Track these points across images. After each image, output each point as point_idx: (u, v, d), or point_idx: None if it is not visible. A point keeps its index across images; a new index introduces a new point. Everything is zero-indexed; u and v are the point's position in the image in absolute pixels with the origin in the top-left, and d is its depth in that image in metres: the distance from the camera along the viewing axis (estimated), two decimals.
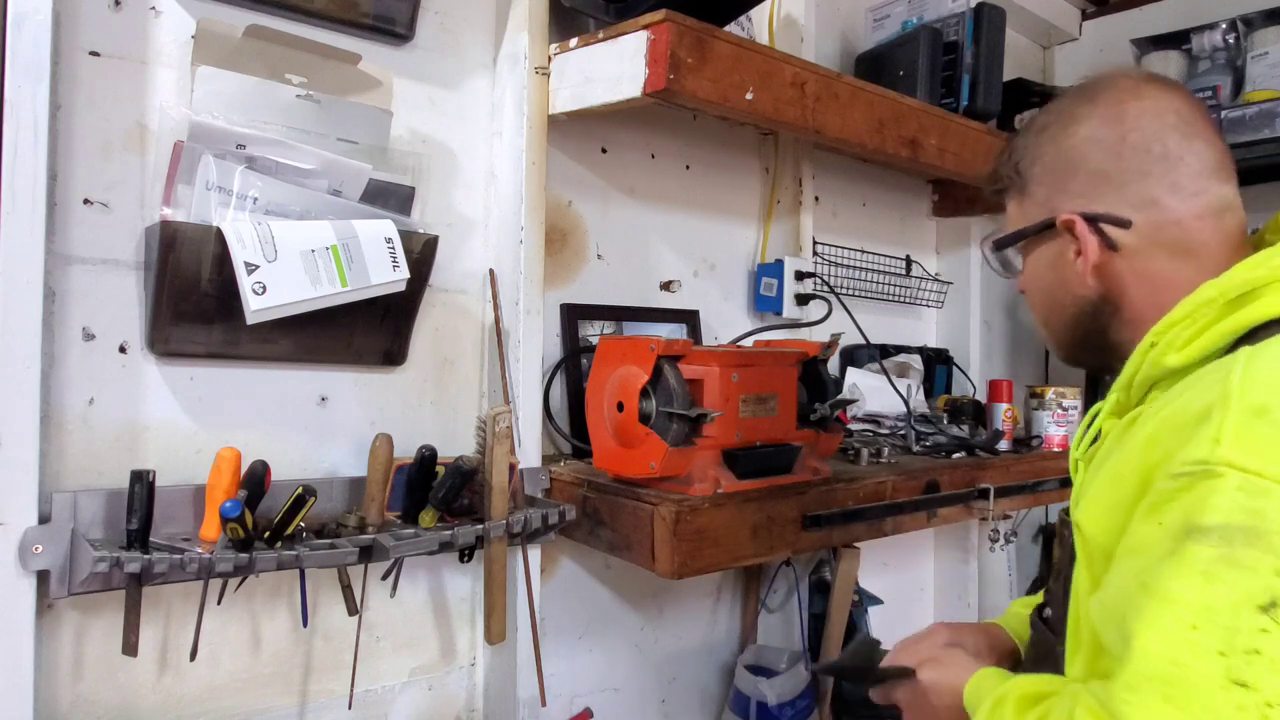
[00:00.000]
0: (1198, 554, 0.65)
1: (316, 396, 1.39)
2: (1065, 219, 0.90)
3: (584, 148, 1.75)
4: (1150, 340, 0.83)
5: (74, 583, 1.09)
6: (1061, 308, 0.95)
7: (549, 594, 1.65)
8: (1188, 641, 0.62)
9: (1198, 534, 0.65)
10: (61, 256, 1.16)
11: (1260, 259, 0.80)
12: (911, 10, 2.16)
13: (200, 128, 1.18)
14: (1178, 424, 0.72)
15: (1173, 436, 0.72)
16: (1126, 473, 0.76)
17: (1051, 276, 0.95)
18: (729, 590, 2.02)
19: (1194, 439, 0.69)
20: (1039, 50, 3.02)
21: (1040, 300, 0.98)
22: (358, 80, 1.36)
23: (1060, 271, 0.93)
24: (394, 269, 1.26)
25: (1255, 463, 0.65)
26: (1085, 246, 0.89)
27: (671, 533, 1.28)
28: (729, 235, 2.03)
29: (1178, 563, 0.65)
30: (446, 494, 1.32)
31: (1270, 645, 0.61)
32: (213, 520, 1.17)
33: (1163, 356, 0.81)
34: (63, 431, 1.16)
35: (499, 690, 1.54)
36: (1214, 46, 2.57)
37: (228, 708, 1.32)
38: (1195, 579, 0.64)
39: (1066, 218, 0.90)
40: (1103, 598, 0.73)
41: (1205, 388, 0.73)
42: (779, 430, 1.48)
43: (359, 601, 1.33)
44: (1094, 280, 0.90)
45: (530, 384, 1.51)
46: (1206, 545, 0.65)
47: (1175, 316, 0.81)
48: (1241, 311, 0.77)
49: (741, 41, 1.46)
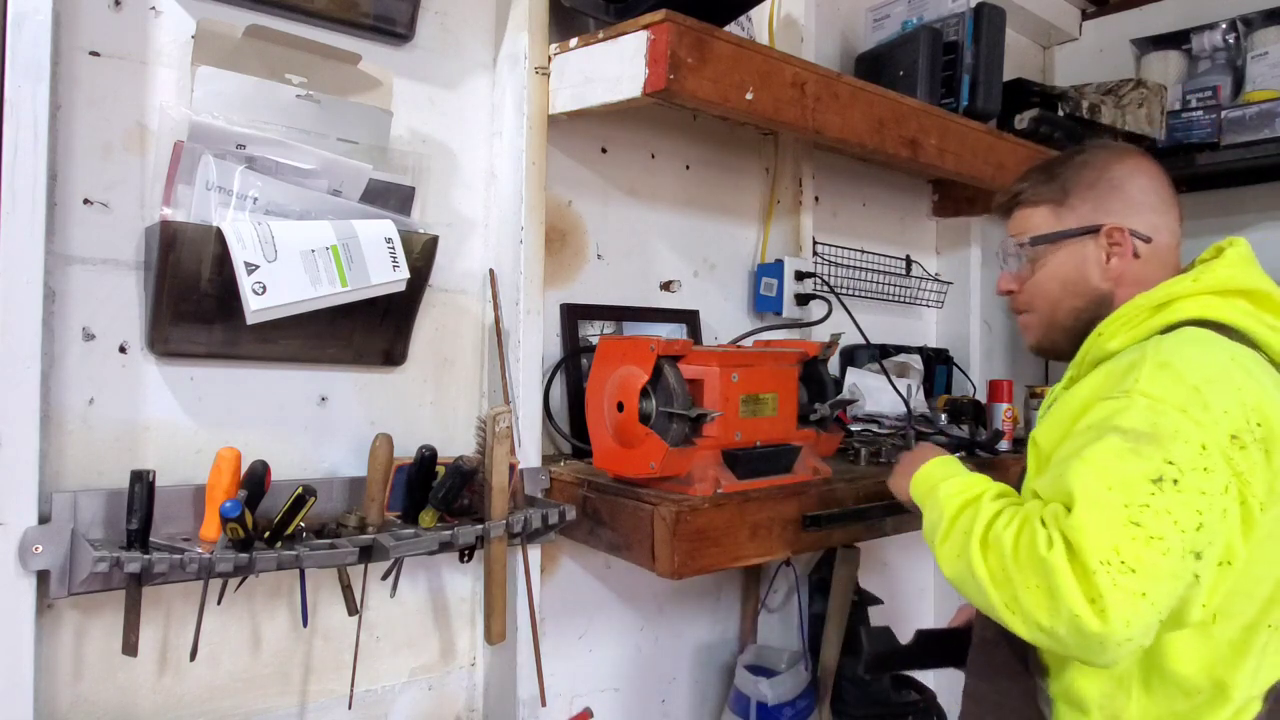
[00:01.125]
0: (1114, 442, 0.98)
1: (316, 396, 1.39)
2: (1114, 226, 1.20)
3: (584, 148, 1.75)
4: (1099, 331, 1.18)
5: (74, 583, 1.09)
6: (1076, 296, 1.23)
7: (549, 594, 1.65)
8: (1106, 496, 0.94)
9: (1116, 431, 0.98)
10: (61, 256, 1.16)
11: (1177, 280, 1.15)
12: (911, 10, 2.16)
13: (200, 128, 1.18)
14: (1111, 375, 1.09)
15: (1107, 381, 1.09)
16: (1075, 405, 1.11)
17: (1074, 274, 1.23)
18: (729, 590, 2.02)
19: (1121, 382, 1.04)
20: (1039, 50, 3.02)
21: (1053, 292, 1.25)
22: (358, 80, 1.36)
23: (1084, 270, 1.22)
24: (394, 269, 1.26)
25: (1158, 392, 0.99)
26: (1124, 250, 1.19)
27: (671, 533, 1.28)
28: (729, 235, 2.03)
29: (1102, 445, 0.98)
30: (446, 494, 1.32)
31: (1155, 502, 0.93)
32: (213, 520, 1.17)
33: (1106, 342, 1.16)
34: (63, 431, 1.16)
35: (499, 690, 1.54)
36: (1214, 46, 2.57)
37: (228, 708, 1.32)
38: (1111, 457, 0.97)
39: (1115, 225, 1.20)
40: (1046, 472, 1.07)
41: (1131, 354, 1.09)
42: (779, 430, 1.48)
43: (359, 601, 1.33)
44: (1112, 279, 1.20)
45: (530, 384, 1.51)
46: (1119, 438, 0.98)
47: (1118, 315, 1.16)
48: (1162, 314, 1.13)
49: (741, 41, 1.46)
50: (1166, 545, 0.92)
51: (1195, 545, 0.94)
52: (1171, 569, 0.92)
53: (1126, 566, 0.90)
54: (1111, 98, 2.33)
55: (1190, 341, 1.05)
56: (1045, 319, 1.27)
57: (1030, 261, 1.27)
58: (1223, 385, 1.00)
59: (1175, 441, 0.96)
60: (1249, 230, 2.55)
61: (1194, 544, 0.94)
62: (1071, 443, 1.04)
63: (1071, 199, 1.24)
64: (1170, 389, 0.99)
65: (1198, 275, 1.13)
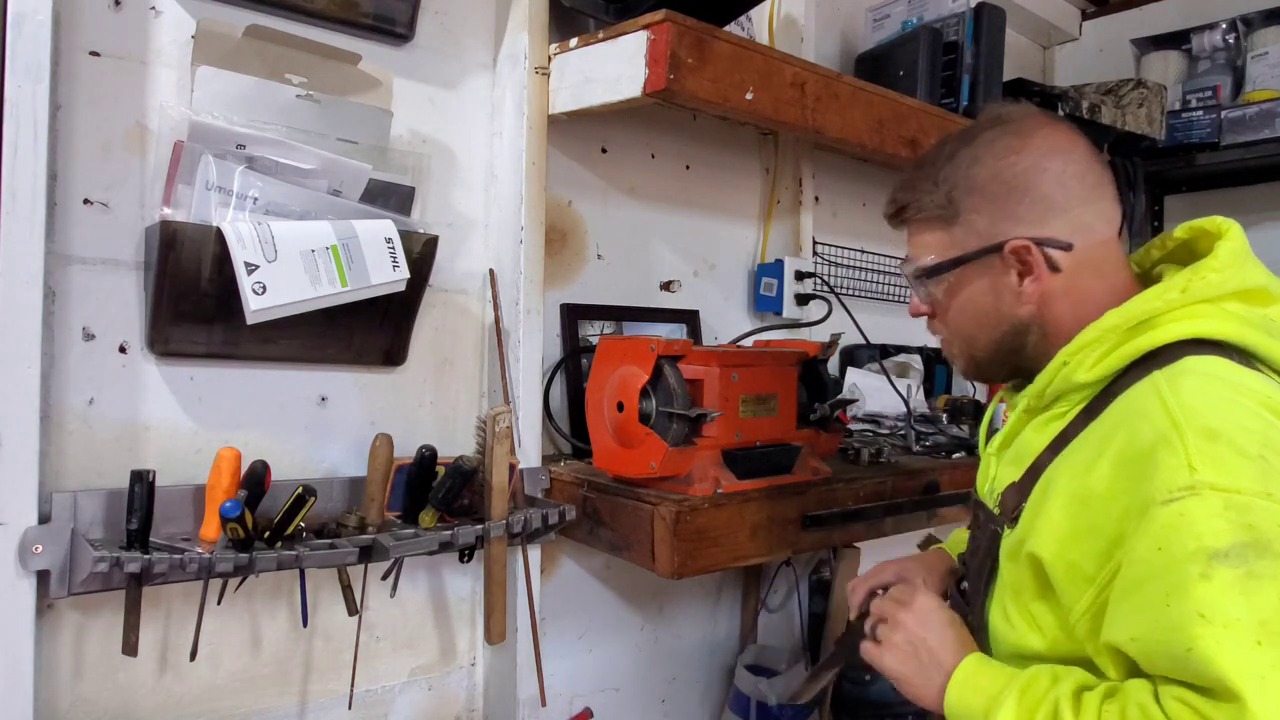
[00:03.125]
0: (1224, 576, 0.74)
1: (316, 396, 1.39)
2: (1018, 244, 0.95)
3: (584, 148, 1.75)
4: (1062, 359, 0.94)
5: (74, 583, 1.09)
6: (992, 329, 1.00)
7: (549, 594, 1.65)
8: (1263, 659, 0.72)
9: (1214, 557, 0.75)
10: (61, 256, 1.16)
11: (1155, 293, 0.91)
12: (911, 10, 2.16)
13: (200, 128, 1.18)
14: (1137, 454, 0.82)
15: (1138, 465, 0.82)
16: (1094, 502, 0.85)
17: (986, 300, 0.99)
18: (729, 590, 2.02)
19: (1165, 466, 0.79)
20: (1039, 50, 3.02)
21: (968, 323, 1.03)
22: (358, 80, 1.36)
23: (997, 295, 0.98)
24: (394, 269, 1.26)
25: (1228, 481, 0.76)
26: (1038, 270, 0.95)
27: (671, 533, 1.28)
28: (729, 235, 2.03)
29: (1212, 587, 0.74)
30: (446, 494, 1.32)
31: None
32: (213, 520, 1.17)
33: (1073, 374, 0.93)
34: (63, 431, 1.16)
35: (499, 690, 1.54)
36: (1214, 46, 2.57)
37: (228, 708, 1.32)
38: (1237, 598, 0.74)
39: (1020, 243, 0.95)
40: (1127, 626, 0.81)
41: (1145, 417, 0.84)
42: (779, 430, 1.48)
43: (359, 601, 1.33)
44: (1031, 303, 0.96)
45: (530, 384, 1.51)
46: (1227, 567, 0.74)
47: (1084, 340, 0.92)
48: (1141, 337, 0.89)
49: (741, 41, 1.46)
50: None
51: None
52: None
53: None
54: (1111, 98, 2.33)
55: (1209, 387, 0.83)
56: (964, 353, 1.06)
57: (932, 290, 1.05)
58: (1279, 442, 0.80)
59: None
60: (1249, 230, 2.54)
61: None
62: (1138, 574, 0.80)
63: (964, 212, 0.98)
64: (1237, 470, 0.77)
65: (1186, 285, 0.90)
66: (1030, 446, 0.99)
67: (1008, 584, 0.97)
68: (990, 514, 1.03)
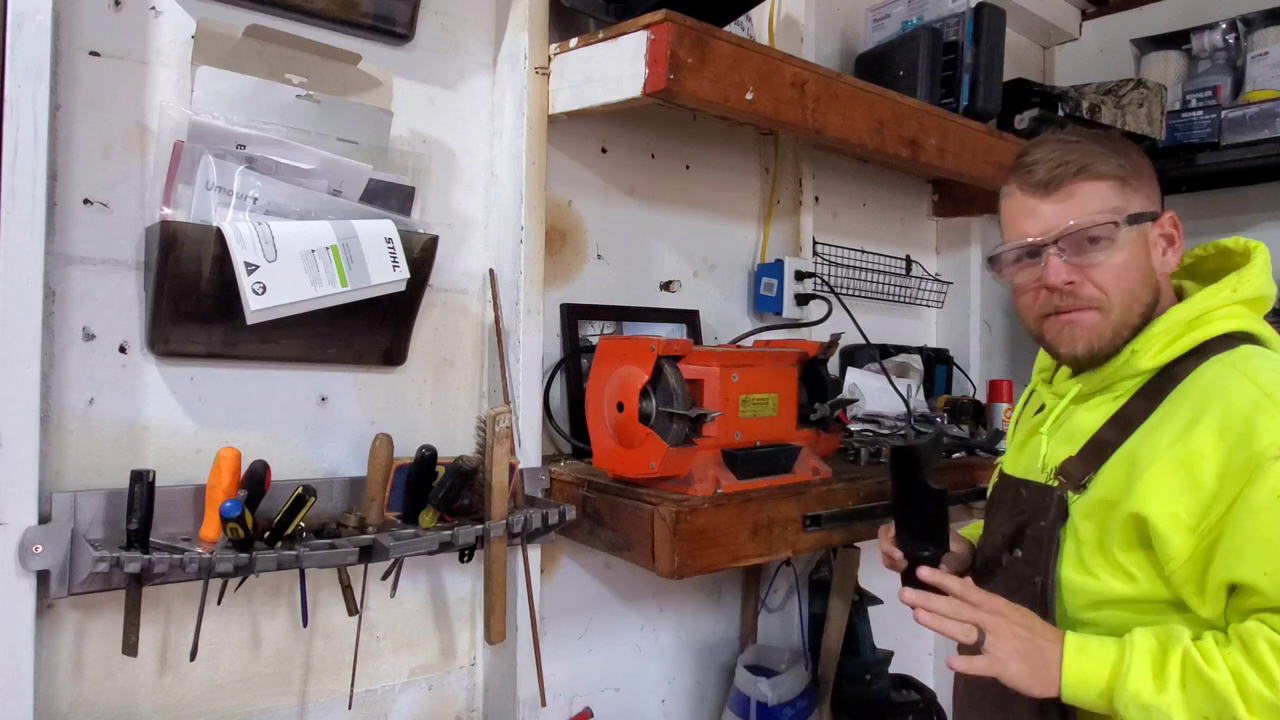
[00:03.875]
0: None
1: (316, 396, 1.39)
2: (1173, 215, 1.13)
3: (584, 148, 1.75)
4: (1133, 348, 1.10)
5: (74, 583, 1.09)
6: (1150, 290, 1.11)
7: (549, 594, 1.65)
8: None
9: None
10: (61, 256, 1.16)
11: (1214, 290, 1.09)
12: (911, 10, 2.16)
13: (200, 128, 1.18)
14: (1235, 420, 0.98)
15: (1238, 430, 0.97)
16: (1197, 463, 0.99)
17: (1148, 261, 1.11)
18: (729, 590, 2.02)
19: (1265, 429, 0.95)
20: (1039, 50, 3.02)
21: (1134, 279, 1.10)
22: (358, 80, 1.36)
23: (1150, 259, 1.11)
24: (394, 269, 1.26)
25: None
26: (1178, 242, 1.13)
27: (671, 533, 1.28)
28: (729, 235, 2.03)
29: None
30: (446, 494, 1.32)
31: None
32: (213, 520, 1.17)
33: (1139, 360, 1.09)
34: (63, 431, 1.16)
35: (499, 690, 1.54)
36: (1214, 46, 2.57)
37: (228, 708, 1.32)
38: None
39: (1173, 214, 1.13)
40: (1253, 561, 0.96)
41: (1235, 391, 1.00)
42: (779, 430, 1.48)
43: (359, 601, 1.33)
44: (1162, 275, 1.12)
45: (530, 384, 1.51)
46: None
47: (1155, 331, 1.09)
48: (1197, 330, 1.08)
49: (741, 41, 1.46)
50: None
51: None
52: None
53: None
54: (1111, 98, 2.33)
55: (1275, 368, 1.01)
56: (1118, 315, 1.09)
57: (1106, 245, 1.08)
58: None
59: None
60: (1249, 230, 2.55)
61: None
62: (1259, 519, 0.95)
63: (1132, 178, 1.11)
64: None
65: (1236, 285, 1.09)
66: (1084, 425, 1.14)
67: (1086, 540, 1.09)
68: (1042, 487, 1.16)
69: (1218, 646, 0.96)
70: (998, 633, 1.04)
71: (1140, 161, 1.13)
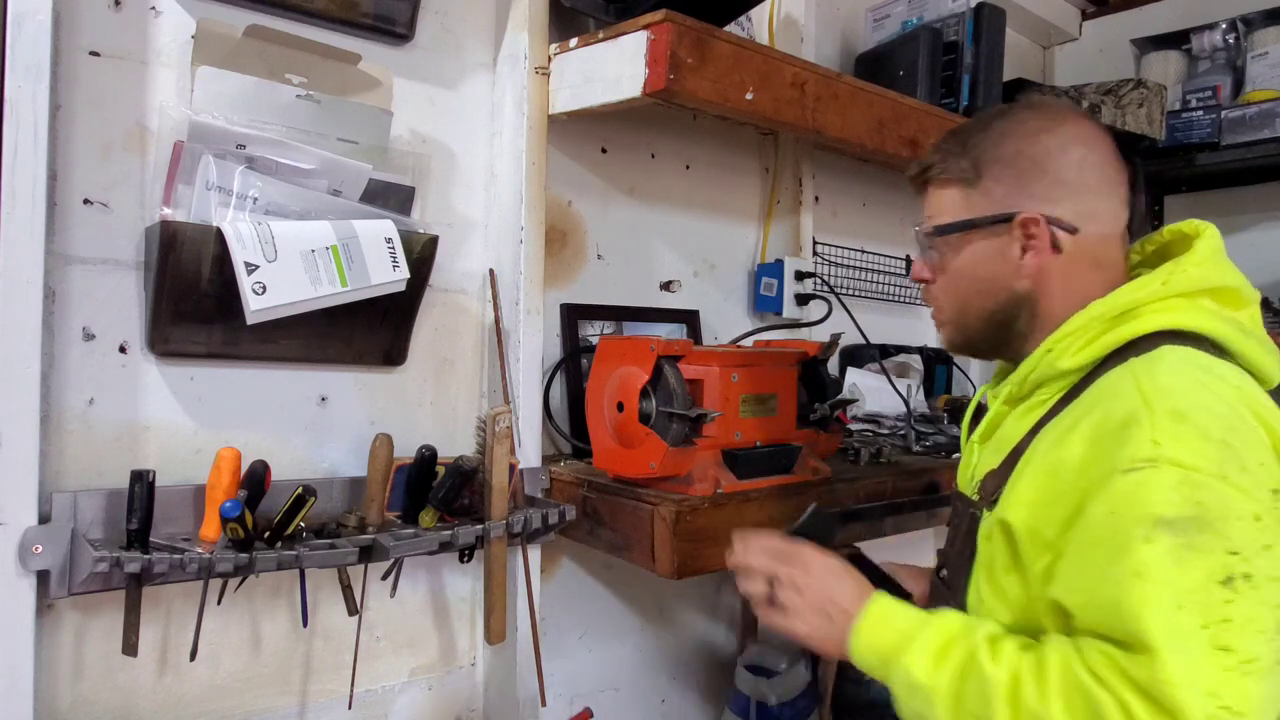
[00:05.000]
0: (1164, 542, 0.78)
1: (316, 396, 1.39)
2: (1028, 216, 0.99)
3: (584, 148, 1.75)
4: (1047, 347, 0.98)
5: (74, 583, 1.09)
6: (987, 297, 1.04)
7: (549, 594, 1.65)
8: (1181, 622, 0.76)
9: (1158, 524, 0.79)
10: (61, 256, 1.16)
11: (1139, 284, 0.96)
12: (911, 10, 2.16)
13: (200, 128, 1.18)
14: (1109, 429, 0.86)
15: (1109, 439, 0.85)
16: (1063, 472, 0.89)
17: (987, 268, 1.03)
18: (729, 590, 2.02)
19: (1132, 440, 0.83)
20: (1039, 50, 3.02)
21: (966, 287, 1.05)
22: (358, 80, 1.36)
23: (997, 265, 1.02)
24: (394, 269, 1.26)
25: (1188, 458, 0.80)
26: (1040, 244, 0.99)
27: (671, 533, 1.28)
28: (729, 235, 2.03)
29: (1151, 550, 0.78)
30: (446, 494, 1.32)
31: (1236, 612, 0.76)
32: (213, 520, 1.17)
33: (1057, 360, 0.97)
34: (63, 431, 1.16)
35: (499, 690, 1.54)
36: (1214, 46, 2.57)
37: (228, 708, 1.32)
38: (1169, 564, 0.78)
39: (1030, 215, 0.99)
40: (1070, 580, 0.85)
41: (1119, 396, 0.88)
42: (779, 430, 1.48)
43: (359, 601, 1.33)
44: (1028, 277, 1.00)
45: (530, 384, 1.51)
46: (1169, 535, 0.78)
47: (1070, 328, 0.97)
48: (1123, 327, 0.94)
49: (741, 41, 1.46)
50: (1261, 665, 0.75)
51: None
52: (1271, 692, 0.76)
53: (1233, 713, 0.74)
54: (1111, 98, 2.33)
55: (1183, 372, 0.87)
56: (955, 319, 1.08)
57: (940, 252, 1.07)
58: (1245, 430, 0.83)
59: (1228, 521, 0.78)
60: (1249, 230, 2.55)
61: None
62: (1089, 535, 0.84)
63: (985, 179, 1.02)
64: (1199, 451, 0.81)
65: (1167, 278, 0.95)
66: (1011, 434, 1.03)
67: (982, 562, 1.00)
68: (969, 500, 1.07)
69: (1020, 650, 0.86)
70: (793, 586, 1.01)
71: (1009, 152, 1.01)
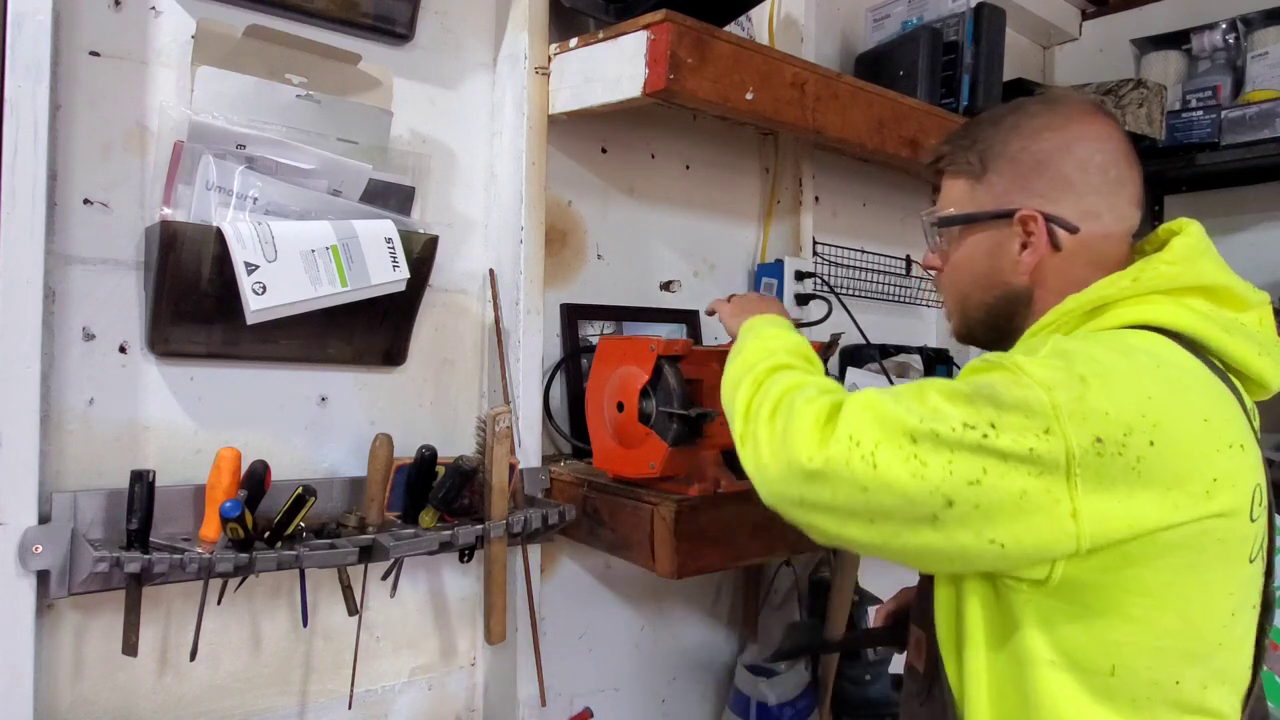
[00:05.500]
0: (949, 383, 0.86)
1: (316, 396, 1.39)
2: (1027, 213, 1.00)
3: (584, 148, 1.75)
4: (1025, 340, 1.00)
5: (74, 583, 1.09)
6: (985, 290, 1.06)
7: (549, 594, 1.65)
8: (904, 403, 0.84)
9: (961, 379, 0.87)
10: (61, 256, 1.16)
11: (1112, 280, 0.95)
12: (911, 10, 2.16)
13: (200, 128, 1.18)
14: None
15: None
16: None
17: (987, 262, 1.04)
18: (729, 590, 2.02)
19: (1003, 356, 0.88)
20: (1039, 50, 3.02)
21: (966, 280, 1.08)
22: (358, 80, 1.36)
23: (997, 259, 1.03)
24: (394, 269, 1.26)
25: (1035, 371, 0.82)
26: (1038, 241, 1.00)
27: (671, 533, 1.28)
28: (729, 235, 2.03)
29: (930, 386, 0.86)
30: (446, 494, 1.32)
31: (949, 437, 0.80)
32: (213, 520, 1.17)
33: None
34: (63, 431, 1.16)
35: (499, 690, 1.54)
36: (1214, 46, 2.57)
37: (228, 708, 1.32)
38: (938, 387, 0.85)
39: (1029, 212, 0.99)
40: None
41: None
42: None
43: (359, 601, 1.33)
44: (1026, 273, 1.01)
45: (530, 384, 1.51)
46: (961, 383, 0.85)
47: (1045, 321, 0.98)
48: (1094, 320, 0.95)
49: (741, 41, 1.46)
50: (923, 472, 0.79)
51: (951, 494, 0.79)
52: (909, 490, 0.79)
53: (868, 461, 0.80)
54: (1111, 98, 2.33)
55: (1111, 340, 0.89)
56: (958, 310, 1.11)
57: (945, 241, 1.09)
58: (1121, 386, 0.81)
59: (1016, 412, 0.80)
60: (1249, 230, 2.55)
61: (950, 492, 0.79)
62: None
63: (990, 174, 1.03)
64: (1050, 372, 0.82)
65: (1137, 274, 0.94)
66: None
67: None
68: None
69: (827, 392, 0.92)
70: (728, 305, 1.31)
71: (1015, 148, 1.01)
